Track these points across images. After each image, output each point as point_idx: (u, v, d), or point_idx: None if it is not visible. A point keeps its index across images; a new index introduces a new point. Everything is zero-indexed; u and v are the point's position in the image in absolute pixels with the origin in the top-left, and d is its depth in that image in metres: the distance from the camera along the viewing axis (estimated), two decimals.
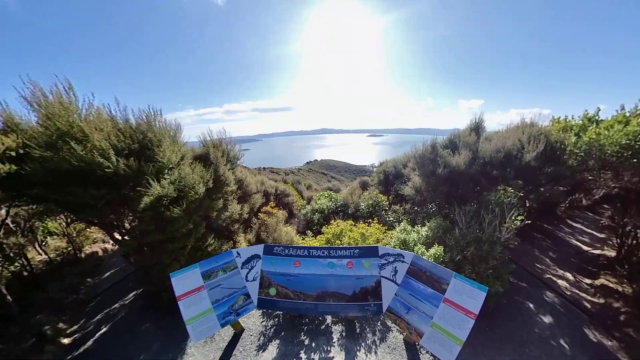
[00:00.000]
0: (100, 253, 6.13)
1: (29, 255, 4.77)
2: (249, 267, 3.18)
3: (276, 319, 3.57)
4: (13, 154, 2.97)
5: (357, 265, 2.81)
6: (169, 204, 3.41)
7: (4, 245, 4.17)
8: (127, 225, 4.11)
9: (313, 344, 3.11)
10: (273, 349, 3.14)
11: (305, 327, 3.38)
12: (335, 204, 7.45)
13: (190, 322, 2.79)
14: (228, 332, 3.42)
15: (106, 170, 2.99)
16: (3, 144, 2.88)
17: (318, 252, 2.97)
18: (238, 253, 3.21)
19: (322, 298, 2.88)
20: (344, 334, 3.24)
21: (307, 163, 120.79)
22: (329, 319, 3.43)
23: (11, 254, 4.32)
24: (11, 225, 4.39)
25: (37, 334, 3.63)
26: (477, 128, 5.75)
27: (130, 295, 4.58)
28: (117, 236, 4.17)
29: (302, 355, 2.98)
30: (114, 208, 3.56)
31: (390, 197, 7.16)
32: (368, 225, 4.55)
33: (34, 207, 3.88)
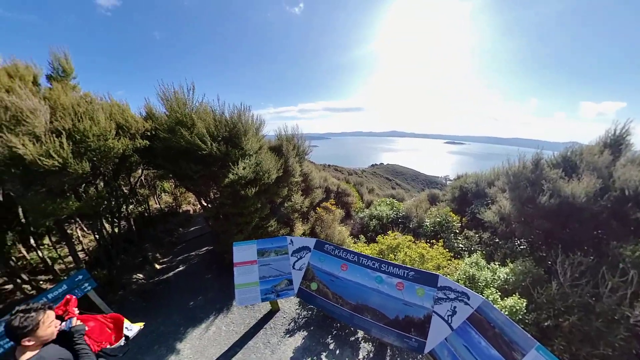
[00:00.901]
0: (191, 212, 7.66)
1: (150, 203, 6.43)
2: (298, 257, 3.31)
3: (310, 312, 3.64)
4: (148, 133, 4.04)
5: (408, 290, 2.48)
6: (245, 185, 3.92)
7: (138, 194, 5.77)
8: (211, 195, 4.95)
9: (337, 352, 3.03)
10: (298, 338, 3.23)
11: (335, 332, 3.31)
12: (396, 214, 6.96)
13: (238, 288, 3.21)
14: (266, 306, 3.74)
15: (203, 151, 3.67)
16: (144, 126, 3.97)
17: (368, 261, 2.79)
18: (291, 241, 3.39)
19: (360, 310, 2.72)
20: (371, 355, 3.01)
21: (372, 166, 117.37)
22: (360, 333, 3.25)
23: (140, 200, 5.95)
24: (143, 181, 6.00)
25: (144, 256, 4.99)
26: (615, 144, 3.97)
27: (204, 249, 5.59)
28: (203, 202, 5.09)
29: (324, 357, 2.95)
30: (205, 181, 4.33)
31: (463, 219, 6.15)
32: (430, 246, 4.02)
33: (157, 171, 5.15)
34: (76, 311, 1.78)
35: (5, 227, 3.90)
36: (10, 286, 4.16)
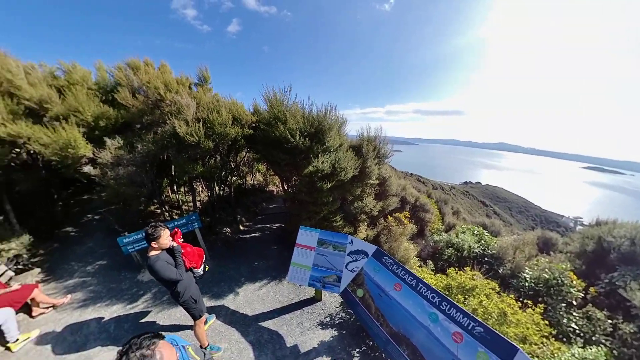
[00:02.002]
0: (275, 192, 8.87)
1: (247, 179, 7.91)
2: (353, 258, 3.30)
3: (348, 316, 3.56)
4: (254, 125, 5.01)
5: (467, 348, 1.95)
6: (321, 177, 4.22)
7: (240, 170, 7.16)
8: (292, 181, 5.55)
9: None
10: (328, 334, 3.25)
11: (364, 348, 3.09)
12: (484, 250, 5.70)
13: (293, 265, 3.57)
14: (310, 292, 3.95)
15: (291, 143, 4.16)
16: (251, 119, 5.00)
17: (428, 291, 2.41)
18: (352, 241, 3.42)
19: (398, 340, 2.42)
20: None
21: (466, 183, 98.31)
22: None
23: (241, 175, 7.38)
24: (245, 161, 7.39)
25: (234, 217, 6.20)
26: None
27: (277, 225, 6.42)
28: (285, 186, 5.79)
29: None
30: (289, 168, 4.90)
31: (591, 289, 4.26)
32: (521, 307, 3.06)
33: (255, 155, 6.27)
34: (180, 240, 2.67)
35: (164, 176, 5.66)
36: (158, 211, 6.08)
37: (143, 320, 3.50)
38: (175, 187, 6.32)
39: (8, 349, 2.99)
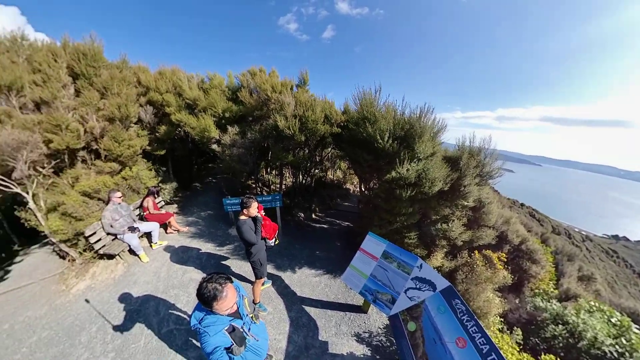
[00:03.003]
0: (351, 191, 8.98)
1: (328, 173, 8.34)
2: (417, 286, 2.90)
3: (390, 344, 3.22)
4: (342, 124, 5.21)
5: None
6: (403, 186, 3.93)
7: (324, 164, 7.62)
8: (371, 184, 5.47)
9: None
10: (359, 351, 3.08)
11: None
12: (621, 353, 3.51)
13: (350, 268, 3.53)
14: (359, 300, 3.82)
15: (377, 145, 4.06)
16: (340, 118, 5.20)
17: None
18: (421, 265, 3.01)
19: None
20: None
21: (614, 238, 61.83)
22: None
23: (323, 169, 7.84)
24: (329, 156, 7.79)
25: (309, 205, 6.70)
26: None
27: (346, 223, 6.52)
28: (362, 187, 5.79)
29: None
30: (370, 170, 4.85)
31: None
32: None
33: (339, 152, 6.51)
34: (262, 213, 3.16)
35: (262, 159, 6.74)
36: (254, 185, 7.32)
37: (223, 262, 4.49)
38: (268, 170, 7.45)
39: (150, 246, 4.81)
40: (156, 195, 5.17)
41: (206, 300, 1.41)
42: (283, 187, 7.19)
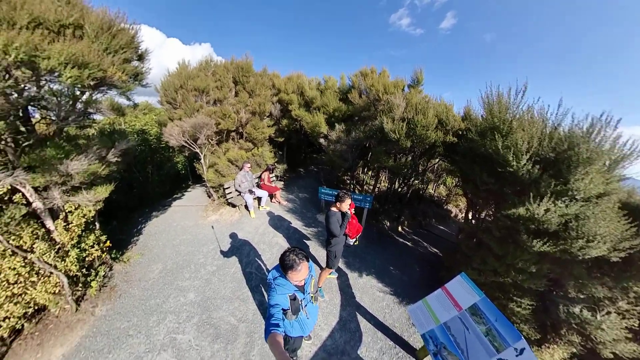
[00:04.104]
0: (452, 214, 7.63)
1: (429, 186, 7.45)
2: None
3: None
4: (460, 132, 4.38)
5: None
6: (535, 231, 2.80)
7: (426, 176, 6.86)
8: (483, 214, 4.41)
9: None
10: None
11: None
12: None
13: (423, 302, 2.90)
14: (418, 342, 3.15)
15: (506, 166, 3.04)
16: (459, 125, 4.34)
17: None
18: (522, 351, 2.02)
19: None
20: None
21: None
22: None
23: (424, 180, 7.07)
24: (434, 168, 6.89)
25: (399, 216, 6.19)
26: None
27: (435, 249, 5.59)
28: (469, 214, 4.81)
29: None
30: (487, 196, 3.88)
31: None
32: None
33: (449, 165, 5.62)
34: (352, 211, 3.17)
35: (361, 158, 6.85)
36: (348, 181, 7.60)
37: (304, 240, 4.96)
38: (365, 170, 7.49)
39: (258, 208, 5.97)
40: (271, 171, 6.38)
41: (284, 266, 1.63)
42: (376, 190, 7.05)
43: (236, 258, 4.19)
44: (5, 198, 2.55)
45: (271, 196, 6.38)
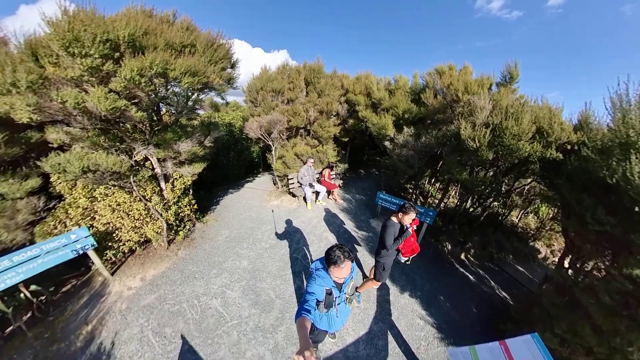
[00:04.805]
0: (542, 254, 5.89)
1: (512, 213, 6.01)
2: None
3: None
4: (567, 146, 3.34)
5: None
6: None
7: (511, 199, 5.60)
8: (590, 262, 3.29)
9: None
10: None
11: None
12: None
13: (470, 349, 2.31)
14: None
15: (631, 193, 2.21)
16: (568, 137, 3.27)
17: None
18: None
19: None
20: None
21: None
22: None
23: (507, 205, 5.78)
24: (523, 190, 5.51)
25: (464, 241, 5.35)
26: None
27: (503, 293, 4.47)
28: (566, 259, 3.69)
29: None
30: (603, 239, 2.81)
31: None
32: None
33: (546, 190, 4.34)
34: (414, 227, 2.94)
35: (430, 166, 6.20)
36: (410, 190, 7.07)
37: (353, 242, 4.97)
38: (432, 180, 6.74)
39: (315, 201, 6.28)
40: (332, 169, 6.67)
41: (329, 259, 1.68)
42: (442, 205, 6.29)
43: (287, 242, 4.66)
44: (141, 163, 3.80)
45: (329, 192, 6.68)
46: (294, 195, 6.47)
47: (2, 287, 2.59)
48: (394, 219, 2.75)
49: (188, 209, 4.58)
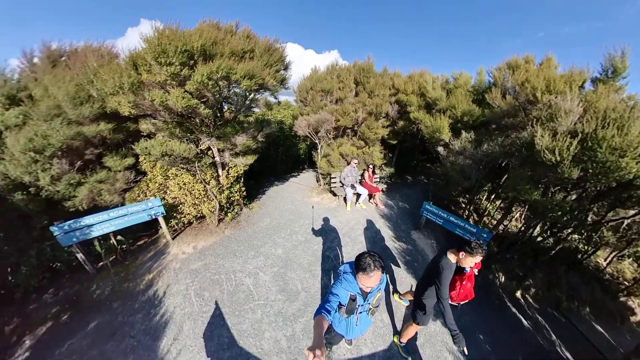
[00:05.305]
0: (639, 316, 4.41)
1: (598, 253, 4.73)
2: None
3: None
4: None
5: None
6: None
7: (602, 234, 4.42)
8: None
9: None
10: None
11: None
12: None
13: None
14: None
15: None
16: None
17: None
18: None
19: None
20: None
21: None
22: None
23: (593, 242, 4.59)
24: (627, 224, 4.23)
25: (523, 276, 4.50)
26: None
27: (567, 355, 3.54)
28: None
29: None
30: None
31: None
32: None
33: None
34: (476, 271, 2.46)
35: (490, 179, 5.41)
36: (463, 205, 6.31)
37: (388, 252, 4.73)
38: (492, 196, 5.85)
39: (355, 203, 6.31)
40: (374, 172, 6.49)
41: (358, 265, 1.62)
42: (500, 227, 5.44)
43: (321, 239, 4.80)
44: (205, 151, 4.49)
45: (370, 196, 6.54)
46: (334, 195, 6.57)
47: (100, 233, 3.55)
48: (451, 258, 2.19)
49: (238, 195, 5.19)
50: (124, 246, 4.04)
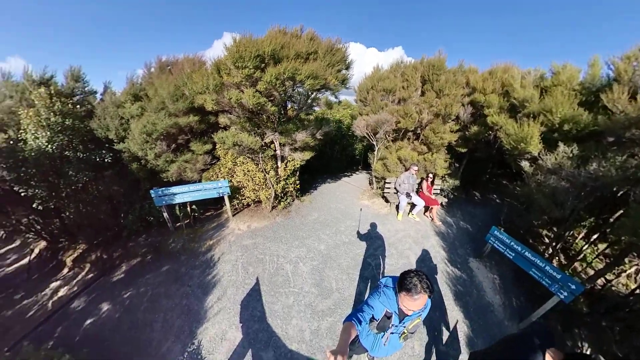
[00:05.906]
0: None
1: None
2: None
3: None
4: None
5: None
6: None
7: None
8: None
9: None
10: None
11: None
12: None
13: None
14: None
15: None
16: None
17: None
18: None
19: None
20: None
21: None
22: None
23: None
24: None
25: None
26: None
27: None
28: None
29: None
30: None
31: None
32: None
33: None
34: None
35: (594, 216, 4.21)
36: (547, 240, 5.12)
37: (437, 276, 4.12)
38: (593, 235, 4.45)
39: (407, 214, 5.93)
40: (433, 182, 5.88)
41: (402, 284, 1.45)
42: (598, 281, 4.17)
43: (365, 244, 4.69)
44: (268, 144, 5.03)
45: (427, 208, 5.97)
46: (387, 201, 6.25)
47: (181, 201, 4.62)
48: None
49: (292, 187, 5.62)
50: (196, 214, 5.12)
